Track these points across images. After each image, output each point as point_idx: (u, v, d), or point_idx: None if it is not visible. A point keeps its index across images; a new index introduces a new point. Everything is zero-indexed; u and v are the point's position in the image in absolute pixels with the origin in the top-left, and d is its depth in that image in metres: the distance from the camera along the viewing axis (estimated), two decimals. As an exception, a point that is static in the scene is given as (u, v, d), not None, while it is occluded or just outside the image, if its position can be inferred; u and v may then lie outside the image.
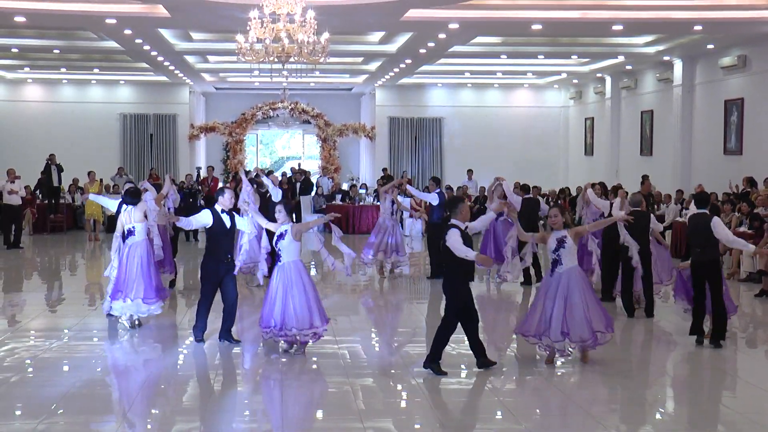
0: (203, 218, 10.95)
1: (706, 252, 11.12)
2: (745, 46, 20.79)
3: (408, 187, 18.06)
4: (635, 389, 9.49)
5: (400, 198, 18.00)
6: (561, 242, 10.00)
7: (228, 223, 10.89)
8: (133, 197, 11.95)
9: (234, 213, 11.21)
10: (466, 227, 9.67)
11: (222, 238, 10.95)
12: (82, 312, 13.46)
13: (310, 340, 10.51)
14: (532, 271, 15.89)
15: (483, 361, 9.88)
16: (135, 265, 11.63)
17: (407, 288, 16.47)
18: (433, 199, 16.95)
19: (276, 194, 15.86)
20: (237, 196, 13.23)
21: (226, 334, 11.04)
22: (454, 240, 9.44)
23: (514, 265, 13.38)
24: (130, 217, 11.82)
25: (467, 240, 9.53)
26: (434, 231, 16.49)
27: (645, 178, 16.84)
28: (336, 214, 11.63)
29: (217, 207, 10.92)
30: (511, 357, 10.79)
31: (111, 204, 13.46)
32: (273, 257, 10.70)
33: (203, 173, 29.38)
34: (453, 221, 9.74)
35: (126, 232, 11.82)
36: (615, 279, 13.52)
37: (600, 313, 10.04)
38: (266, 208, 13.98)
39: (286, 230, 10.41)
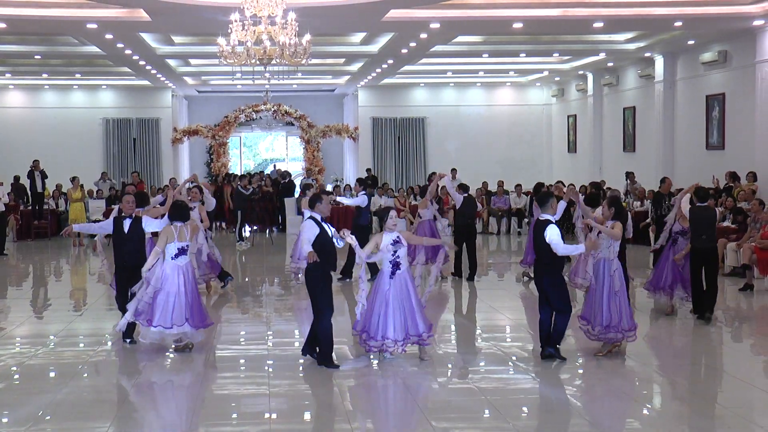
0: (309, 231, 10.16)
1: (711, 239, 12.41)
2: (726, 42, 20.89)
3: (338, 197, 18.03)
4: (621, 385, 9.52)
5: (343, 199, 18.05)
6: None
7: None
8: (183, 212, 11.01)
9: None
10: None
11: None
12: (68, 318, 13.41)
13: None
14: None
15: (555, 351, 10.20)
16: (191, 289, 10.80)
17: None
18: (361, 201, 16.62)
19: (210, 203, 15.76)
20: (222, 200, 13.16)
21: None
22: (556, 237, 9.75)
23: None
24: (184, 233, 10.84)
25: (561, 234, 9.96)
26: (362, 233, 15.54)
27: (665, 179, 17.13)
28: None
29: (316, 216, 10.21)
30: (499, 355, 10.80)
31: (100, 228, 11.97)
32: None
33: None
34: (546, 216, 10.00)
35: (178, 251, 10.74)
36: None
37: (626, 308, 10.33)
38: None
39: (399, 237, 10.17)
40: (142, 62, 24.22)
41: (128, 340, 11.10)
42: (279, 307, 14.64)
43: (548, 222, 9.92)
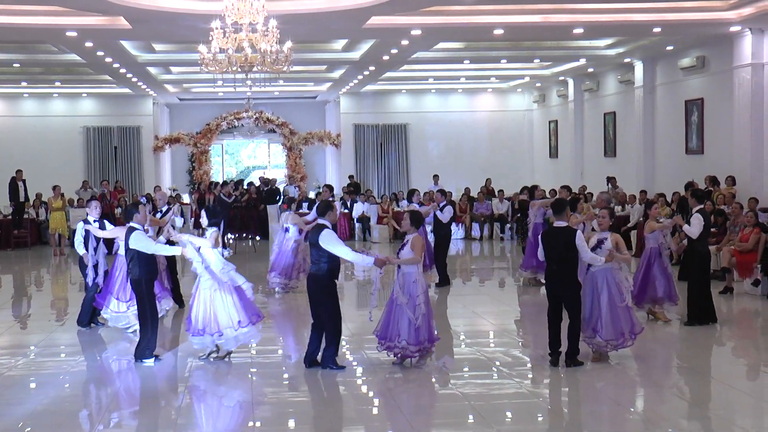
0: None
1: (705, 242, 12.57)
2: (704, 47, 21.03)
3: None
4: (604, 390, 9.56)
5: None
6: (600, 243, 10.32)
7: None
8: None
9: None
10: None
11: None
12: (49, 328, 13.34)
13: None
14: None
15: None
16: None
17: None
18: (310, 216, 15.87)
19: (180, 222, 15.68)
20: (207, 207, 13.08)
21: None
22: (583, 242, 9.97)
23: None
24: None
25: None
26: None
27: (690, 183, 17.37)
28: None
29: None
30: (483, 360, 10.82)
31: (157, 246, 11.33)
32: None
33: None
34: (562, 223, 10.12)
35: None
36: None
37: (628, 316, 10.27)
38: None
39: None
40: (122, 70, 24.14)
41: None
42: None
43: (570, 228, 10.11)
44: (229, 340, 10.55)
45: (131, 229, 10.70)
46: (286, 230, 16.17)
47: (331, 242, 9.92)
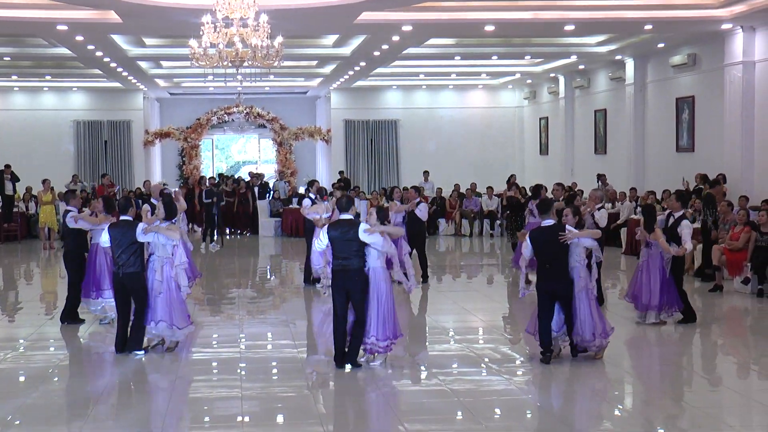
0: None
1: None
2: (695, 45, 21.07)
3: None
4: (593, 386, 9.58)
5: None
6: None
7: None
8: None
9: None
10: None
11: None
12: (38, 321, 13.30)
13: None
14: None
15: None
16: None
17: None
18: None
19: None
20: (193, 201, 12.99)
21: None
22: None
23: None
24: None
25: None
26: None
27: (718, 179, 17.30)
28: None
29: None
30: (472, 357, 10.83)
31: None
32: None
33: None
34: (549, 222, 10.29)
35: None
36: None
37: (598, 317, 10.28)
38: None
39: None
40: (113, 64, 24.07)
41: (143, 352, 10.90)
42: (251, 310, 14.59)
43: (557, 225, 10.25)
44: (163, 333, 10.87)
45: (134, 223, 10.79)
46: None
47: (370, 235, 9.88)
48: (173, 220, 11.68)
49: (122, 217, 10.99)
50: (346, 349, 10.01)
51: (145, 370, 10.44)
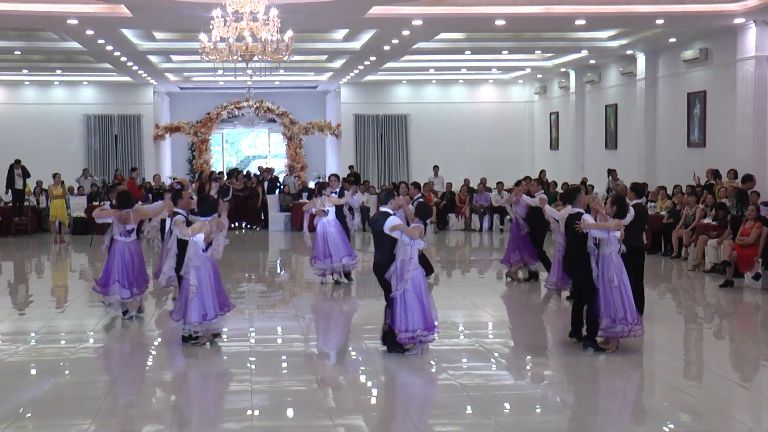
0: None
1: (639, 238, 12.08)
2: (707, 40, 20.98)
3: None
4: (603, 382, 9.57)
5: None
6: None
7: None
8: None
9: None
10: None
11: None
12: (49, 315, 13.33)
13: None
14: None
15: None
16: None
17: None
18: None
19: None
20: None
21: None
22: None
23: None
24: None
25: None
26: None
27: (749, 177, 17.30)
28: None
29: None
30: (481, 351, 10.82)
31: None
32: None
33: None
34: (578, 210, 10.49)
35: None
36: None
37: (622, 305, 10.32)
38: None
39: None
40: (123, 58, 24.10)
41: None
42: (261, 304, 14.61)
43: (571, 215, 10.55)
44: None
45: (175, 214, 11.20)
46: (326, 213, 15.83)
47: (395, 228, 10.05)
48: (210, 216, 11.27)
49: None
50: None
51: (155, 364, 10.46)
